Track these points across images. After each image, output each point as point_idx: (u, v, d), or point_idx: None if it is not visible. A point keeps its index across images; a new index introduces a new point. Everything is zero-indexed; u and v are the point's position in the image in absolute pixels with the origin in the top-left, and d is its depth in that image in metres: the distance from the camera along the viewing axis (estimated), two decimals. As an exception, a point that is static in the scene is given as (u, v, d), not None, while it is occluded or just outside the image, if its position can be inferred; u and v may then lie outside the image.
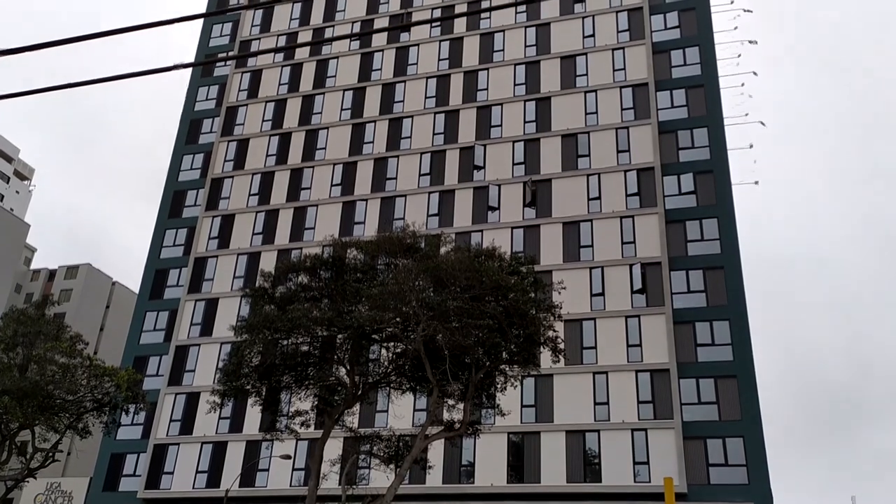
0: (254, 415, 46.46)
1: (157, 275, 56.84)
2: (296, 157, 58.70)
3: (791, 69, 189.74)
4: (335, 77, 61.35)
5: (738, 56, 54.96)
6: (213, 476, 48.32)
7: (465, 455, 44.60)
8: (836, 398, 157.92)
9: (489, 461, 44.15)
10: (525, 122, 54.52)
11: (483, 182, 52.99)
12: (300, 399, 32.73)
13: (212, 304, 54.19)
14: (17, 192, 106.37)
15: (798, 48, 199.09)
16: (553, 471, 43.10)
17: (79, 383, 37.43)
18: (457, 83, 57.74)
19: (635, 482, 41.70)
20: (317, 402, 32.49)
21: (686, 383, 43.53)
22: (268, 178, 58.42)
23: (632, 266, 47.12)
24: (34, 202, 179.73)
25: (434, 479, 43.33)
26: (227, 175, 59.37)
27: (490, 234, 49.80)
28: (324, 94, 60.83)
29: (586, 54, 55.56)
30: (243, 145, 60.47)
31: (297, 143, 59.28)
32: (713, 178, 48.87)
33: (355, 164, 57.00)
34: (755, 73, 55.11)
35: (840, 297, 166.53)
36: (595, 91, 54.01)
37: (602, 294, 47.08)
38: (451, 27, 60.07)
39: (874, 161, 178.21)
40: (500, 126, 54.98)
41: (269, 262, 50.32)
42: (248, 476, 46.90)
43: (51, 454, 38.57)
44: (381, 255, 30.95)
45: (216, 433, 49.45)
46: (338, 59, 62.01)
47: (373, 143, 57.44)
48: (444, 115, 56.84)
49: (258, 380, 30.23)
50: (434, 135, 56.24)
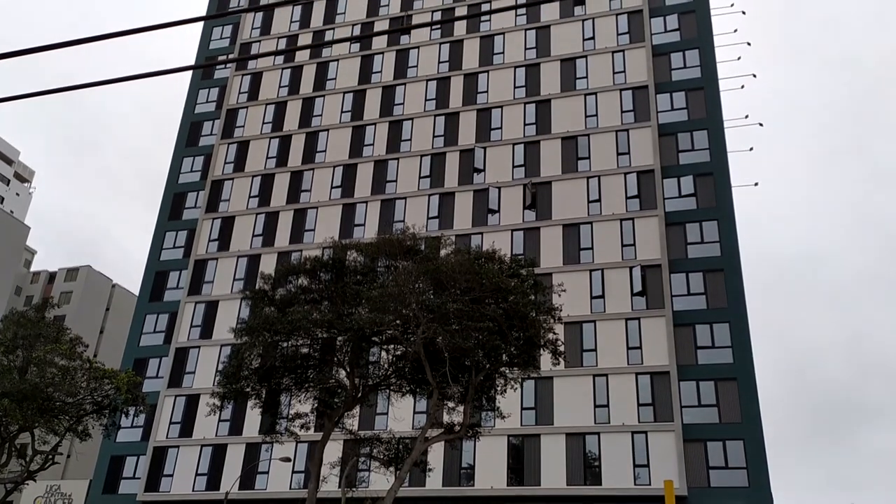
0: (254, 417, 46.44)
1: (157, 277, 56.85)
2: (296, 159, 58.73)
3: (790, 70, 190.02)
4: (335, 79, 61.39)
5: (738, 58, 55.01)
6: (213, 478, 48.29)
7: (465, 458, 44.57)
8: (836, 399, 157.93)
9: (489, 464, 44.11)
10: (525, 125, 54.54)
11: (483, 184, 53.00)
12: (300, 401, 32.70)
13: (212, 307, 54.19)
14: (18, 194, 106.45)
15: (797, 49, 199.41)
16: (553, 473, 43.07)
17: (79, 386, 37.41)
18: (457, 85, 57.77)
19: (635, 485, 41.67)
20: (317, 405, 32.46)
21: (686, 386, 43.52)
22: (268, 181, 58.44)
23: (632, 268, 47.12)
24: (34, 204, 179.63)
25: (434, 482, 43.30)
26: (227, 177, 59.40)
27: (490, 236, 49.79)
28: (324, 96, 60.86)
29: (586, 57, 55.59)
30: (243, 147, 60.50)
31: (297, 145, 59.30)
32: (713, 180, 48.89)
33: (355, 166, 57.01)
34: (755, 76, 55.16)
35: (840, 297, 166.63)
36: (595, 93, 54.03)
37: (602, 296, 47.08)
38: (451, 30, 60.10)
39: (874, 161, 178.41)
40: (500, 128, 55.00)
41: (269, 265, 50.39)
42: (247, 479, 46.86)
43: (50, 457, 38.53)
44: (381, 257, 30.96)
45: (216, 435, 49.43)
46: (338, 61, 62.05)
47: (373, 145, 57.46)
48: (444, 117, 56.86)
49: (258, 382, 30.21)
50: (434, 137, 56.26)
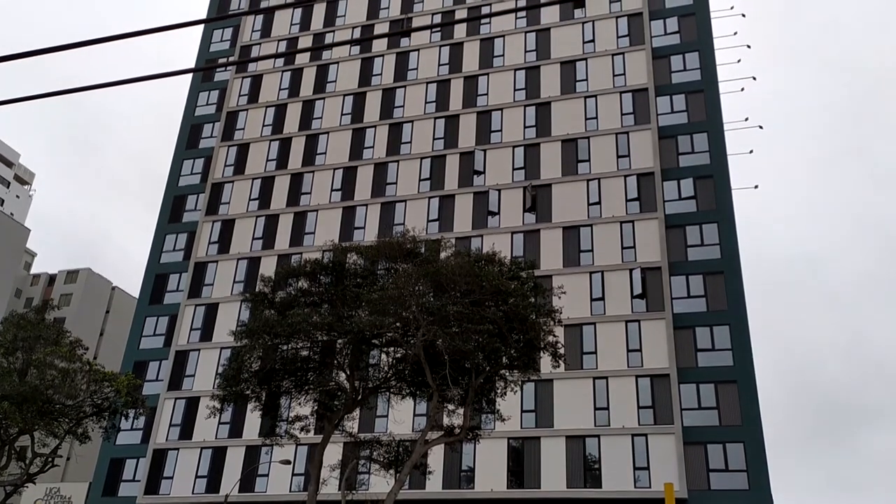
0: (253, 420, 46.40)
1: (157, 279, 56.85)
2: (296, 161, 58.74)
3: (790, 72, 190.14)
4: (335, 82, 61.43)
5: (738, 61, 55.10)
6: (213, 481, 48.24)
7: (465, 460, 44.54)
8: (836, 401, 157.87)
9: (489, 466, 44.08)
10: (525, 127, 54.57)
11: (483, 187, 53.02)
12: (300, 404, 32.71)
13: (212, 309, 54.18)
14: (18, 196, 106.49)
15: (797, 51, 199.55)
16: (553, 476, 43.03)
17: (78, 388, 37.42)
18: (457, 88, 57.81)
19: (636, 487, 41.64)
20: (317, 407, 32.45)
21: (686, 388, 43.50)
22: (268, 183, 58.45)
23: (632, 271, 47.12)
24: (34, 207, 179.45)
25: (434, 485, 43.26)
26: (227, 180, 59.41)
27: (490, 238, 49.78)
28: (324, 98, 60.90)
29: (586, 59, 55.62)
30: (243, 150, 60.53)
31: (298, 147, 59.32)
32: (713, 182, 48.91)
33: (355, 168, 57.04)
34: (754, 78, 55.21)
35: (840, 299, 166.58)
36: (595, 96, 54.06)
37: (602, 299, 47.07)
38: (451, 32, 60.15)
39: (874, 163, 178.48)
40: (500, 131, 55.02)
41: (269, 267, 50.37)
42: (247, 481, 46.81)
43: (50, 459, 38.51)
44: (382, 260, 30.97)
45: (216, 438, 49.40)
46: (338, 64, 62.10)
47: (373, 147, 57.49)
48: (444, 120, 56.89)
49: (258, 385, 30.20)
50: (434, 140, 56.29)
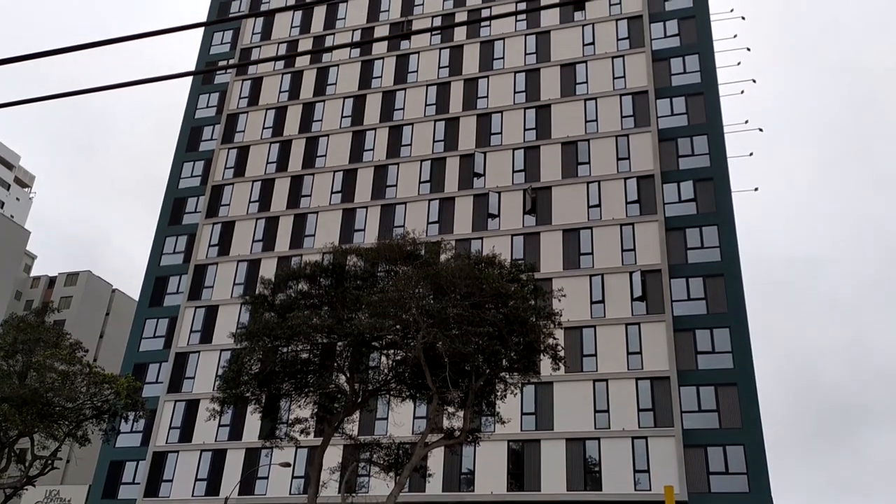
0: (253, 422, 46.39)
1: (157, 282, 56.86)
2: (296, 164, 58.78)
3: (790, 75, 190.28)
4: (335, 84, 61.49)
5: (738, 63, 55.11)
6: (213, 484, 48.20)
7: (465, 463, 44.51)
8: (837, 404, 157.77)
9: (489, 469, 44.05)
10: (525, 130, 54.61)
11: (483, 189, 53.05)
12: (300, 406, 32.69)
13: (212, 312, 54.19)
14: (18, 199, 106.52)
15: (797, 54, 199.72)
16: (553, 479, 43.01)
17: (78, 390, 37.39)
18: (457, 91, 57.87)
19: (636, 490, 41.62)
20: (316, 410, 32.45)
21: (686, 391, 43.49)
22: (268, 186, 58.49)
23: (632, 273, 47.13)
24: (34, 209, 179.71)
25: (434, 487, 43.24)
26: (227, 182, 59.45)
27: (490, 241, 49.79)
28: (324, 101, 60.96)
29: (586, 62, 55.68)
30: (244, 152, 60.57)
31: (298, 150, 59.37)
32: (713, 185, 48.94)
33: (355, 171, 57.08)
34: (754, 81, 55.23)
35: (840, 302, 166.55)
36: (595, 99, 54.11)
37: (602, 301, 47.08)
38: (451, 35, 60.22)
39: (874, 166, 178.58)
40: (500, 133, 55.07)
41: (269, 270, 50.37)
42: (247, 484, 46.79)
43: (50, 462, 38.46)
44: (381, 262, 30.97)
45: (216, 441, 49.37)
46: (338, 66, 62.17)
47: (373, 150, 57.53)
48: (444, 122, 56.93)
49: (258, 387, 30.19)
50: (434, 142, 56.33)
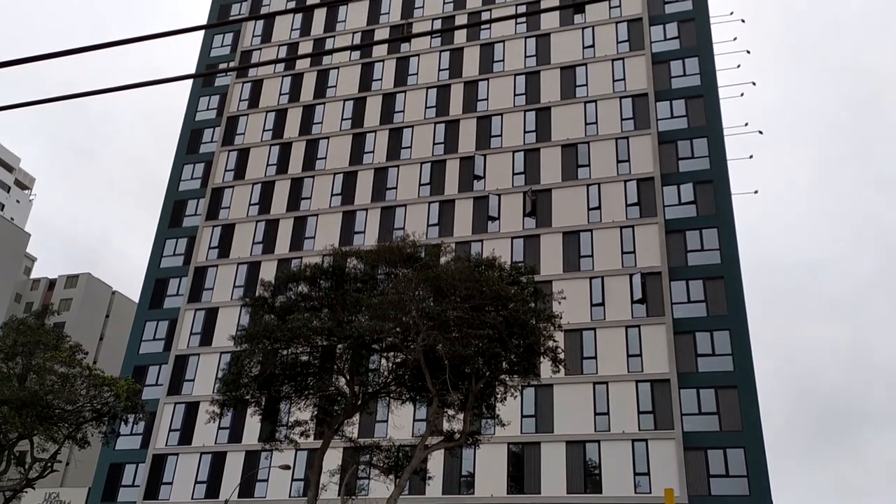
0: (253, 425, 46.36)
1: (157, 284, 56.86)
2: (296, 166, 58.80)
3: (790, 77, 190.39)
4: (335, 87, 61.53)
5: (738, 66, 55.14)
6: (213, 486, 48.16)
7: (464, 465, 44.47)
8: (837, 406, 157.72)
9: (489, 471, 44.01)
10: (525, 132, 54.64)
11: (483, 192, 53.06)
12: (300, 409, 32.64)
13: (212, 314, 54.18)
14: (18, 201, 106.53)
15: (797, 56, 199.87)
16: (553, 481, 42.97)
17: (78, 393, 37.34)
18: (457, 93, 57.91)
19: (636, 493, 41.57)
20: (316, 412, 32.41)
21: (686, 393, 43.46)
22: (268, 188, 58.51)
23: (632, 276, 47.13)
24: (34, 211, 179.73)
25: (434, 490, 43.20)
26: (227, 185, 59.46)
27: (490, 243, 49.79)
28: (324, 103, 61.00)
29: (586, 65, 55.74)
30: (244, 155, 60.60)
31: (298, 152, 59.40)
32: (713, 187, 48.95)
33: (355, 173, 57.10)
34: (754, 84, 55.27)
35: (841, 304, 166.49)
36: (595, 101, 54.16)
37: (602, 304, 47.07)
38: (451, 38, 60.27)
39: (875, 168, 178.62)
40: (500, 136, 55.10)
41: (269, 272, 50.34)
42: (247, 486, 46.75)
43: (49, 464, 38.41)
44: (381, 264, 30.95)
45: (215, 443, 49.33)
46: (338, 69, 62.22)
47: (373, 152, 57.56)
48: (444, 125, 56.97)
49: (258, 389, 30.16)
50: (434, 145, 56.36)
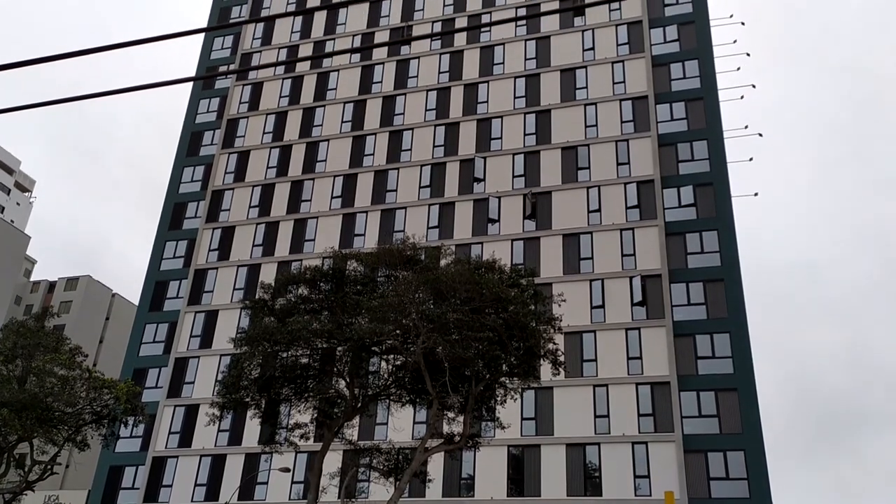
0: (253, 427, 46.31)
1: (157, 286, 56.84)
2: (296, 169, 58.83)
3: (790, 80, 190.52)
4: (336, 90, 61.58)
5: (738, 69, 55.15)
6: (212, 489, 48.12)
7: (465, 468, 44.45)
8: (838, 408, 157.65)
9: (489, 474, 43.99)
10: (525, 135, 54.66)
11: (483, 194, 53.08)
12: (300, 411, 32.64)
13: (211, 316, 54.16)
14: (18, 203, 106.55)
15: (797, 59, 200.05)
16: (553, 484, 42.94)
17: (78, 395, 37.32)
18: (457, 96, 57.94)
19: (636, 496, 41.54)
20: (316, 415, 32.39)
21: (687, 396, 43.44)
22: (268, 191, 58.53)
23: (632, 278, 47.12)
24: (35, 214, 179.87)
25: (434, 493, 43.15)
26: (227, 187, 59.49)
27: (490, 246, 49.81)
28: (324, 106, 61.03)
29: (586, 67, 55.79)
30: (244, 157, 60.62)
31: (298, 155, 59.42)
32: (713, 190, 48.97)
33: (356, 176, 57.12)
34: (754, 86, 55.29)
35: (841, 307, 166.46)
36: (595, 104, 54.18)
37: (602, 306, 47.06)
38: (451, 40, 60.32)
39: (874, 170, 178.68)
40: (500, 138, 55.13)
41: (269, 274, 50.35)
42: (247, 489, 46.71)
43: (49, 467, 38.39)
44: (382, 267, 30.98)
45: (215, 446, 49.30)
46: (338, 71, 62.26)
47: (373, 155, 57.58)
48: (444, 127, 57.00)
49: (257, 392, 30.15)
50: (434, 147, 56.39)
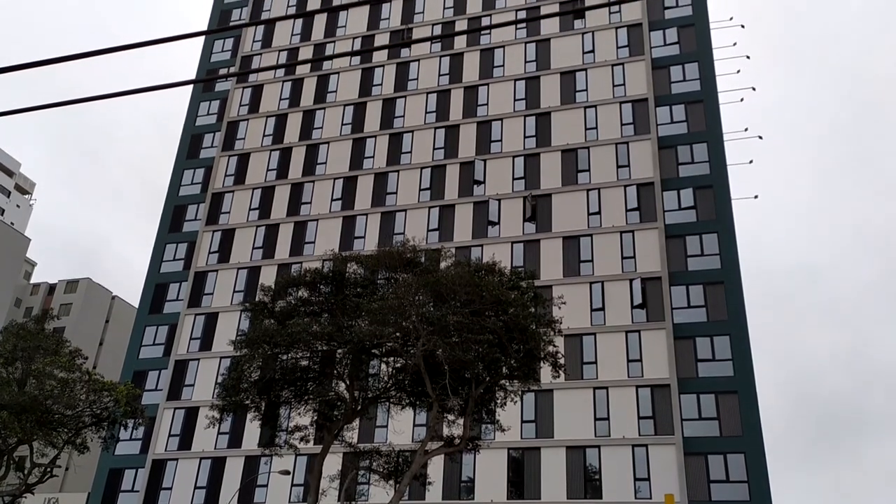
0: (253, 430, 46.28)
1: (156, 289, 56.83)
2: (296, 171, 58.84)
3: (790, 82, 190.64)
4: (336, 92, 61.60)
5: (738, 71, 55.21)
6: (212, 492, 48.05)
7: (465, 471, 44.40)
8: (838, 411, 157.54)
9: (489, 477, 43.94)
10: (525, 137, 54.68)
11: (483, 197, 53.08)
12: (299, 414, 32.65)
13: (211, 319, 54.13)
14: (18, 206, 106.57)
15: (797, 61, 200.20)
16: (553, 486, 42.89)
17: (77, 398, 37.32)
18: (457, 98, 57.97)
19: (636, 498, 41.49)
20: (316, 417, 32.39)
21: (687, 399, 43.41)
22: (268, 193, 58.53)
23: (632, 281, 47.11)
24: (35, 216, 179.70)
25: (434, 495, 43.08)
26: (227, 189, 59.49)
27: (490, 248, 49.80)
28: (324, 108, 61.05)
29: (586, 70, 55.80)
30: (244, 160, 60.63)
31: (298, 157, 59.42)
32: (713, 192, 48.97)
33: (355, 178, 57.12)
34: (754, 89, 55.33)
35: (841, 309, 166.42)
36: (595, 106, 54.20)
37: (602, 309, 47.05)
38: (451, 43, 60.35)
39: (875, 173, 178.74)
40: (500, 141, 55.13)
41: (269, 277, 50.38)
42: (246, 492, 46.64)
43: (49, 469, 38.38)
44: (381, 269, 31.00)
45: (215, 448, 49.25)
46: (338, 74, 62.29)
47: (373, 157, 57.59)
48: (444, 129, 57.01)
49: (257, 395, 30.16)
50: (434, 149, 56.40)
